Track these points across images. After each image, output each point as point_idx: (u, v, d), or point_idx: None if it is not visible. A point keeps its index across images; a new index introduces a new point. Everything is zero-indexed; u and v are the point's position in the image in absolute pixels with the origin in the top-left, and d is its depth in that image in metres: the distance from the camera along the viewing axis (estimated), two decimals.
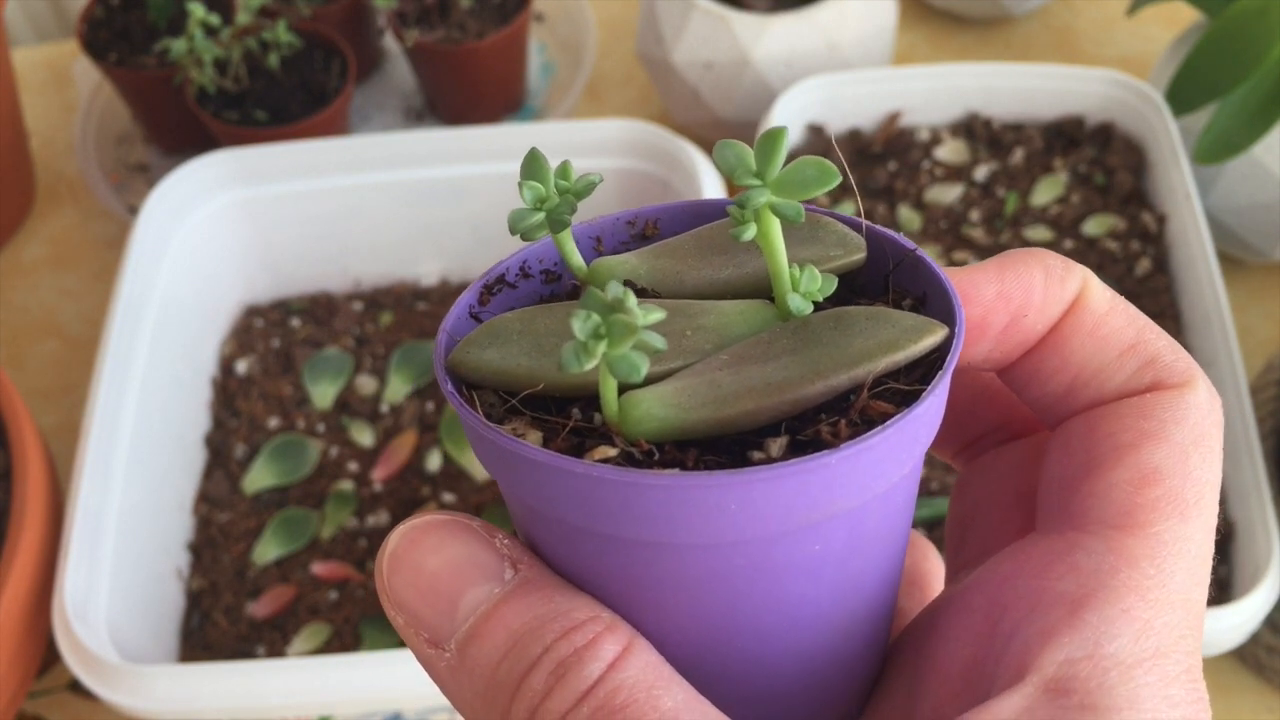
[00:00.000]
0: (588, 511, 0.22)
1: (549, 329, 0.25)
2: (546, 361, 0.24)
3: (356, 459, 0.74)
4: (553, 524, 0.23)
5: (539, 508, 0.23)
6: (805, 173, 0.23)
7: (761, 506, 0.21)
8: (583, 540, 0.23)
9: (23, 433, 0.64)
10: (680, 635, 0.24)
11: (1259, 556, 0.59)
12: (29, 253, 0.90)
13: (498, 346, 0.25)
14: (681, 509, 0.21)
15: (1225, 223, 0.78)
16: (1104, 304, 0.26)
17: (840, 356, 0.23)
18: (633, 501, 0.21)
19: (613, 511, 0.22)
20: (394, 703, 0.57)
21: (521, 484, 0.23)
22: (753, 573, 0.23)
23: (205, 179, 0.75)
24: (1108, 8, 0.99)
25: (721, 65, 0.82)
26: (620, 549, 0.23)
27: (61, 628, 0.57)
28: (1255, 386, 0.69)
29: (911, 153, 0.81)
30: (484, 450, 0.23)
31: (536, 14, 0.99)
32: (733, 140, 0.24)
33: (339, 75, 0.84)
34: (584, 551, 0.23)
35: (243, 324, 0.80)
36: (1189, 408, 0.25)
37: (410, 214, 0.79)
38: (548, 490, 0.22)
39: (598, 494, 0.21)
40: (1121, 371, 0.26)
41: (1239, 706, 0.67)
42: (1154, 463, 0.24)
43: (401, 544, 0.24)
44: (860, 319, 0.24)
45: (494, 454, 0.23)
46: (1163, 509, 0.24)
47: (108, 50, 0.87)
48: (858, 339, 0.23)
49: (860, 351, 0.23)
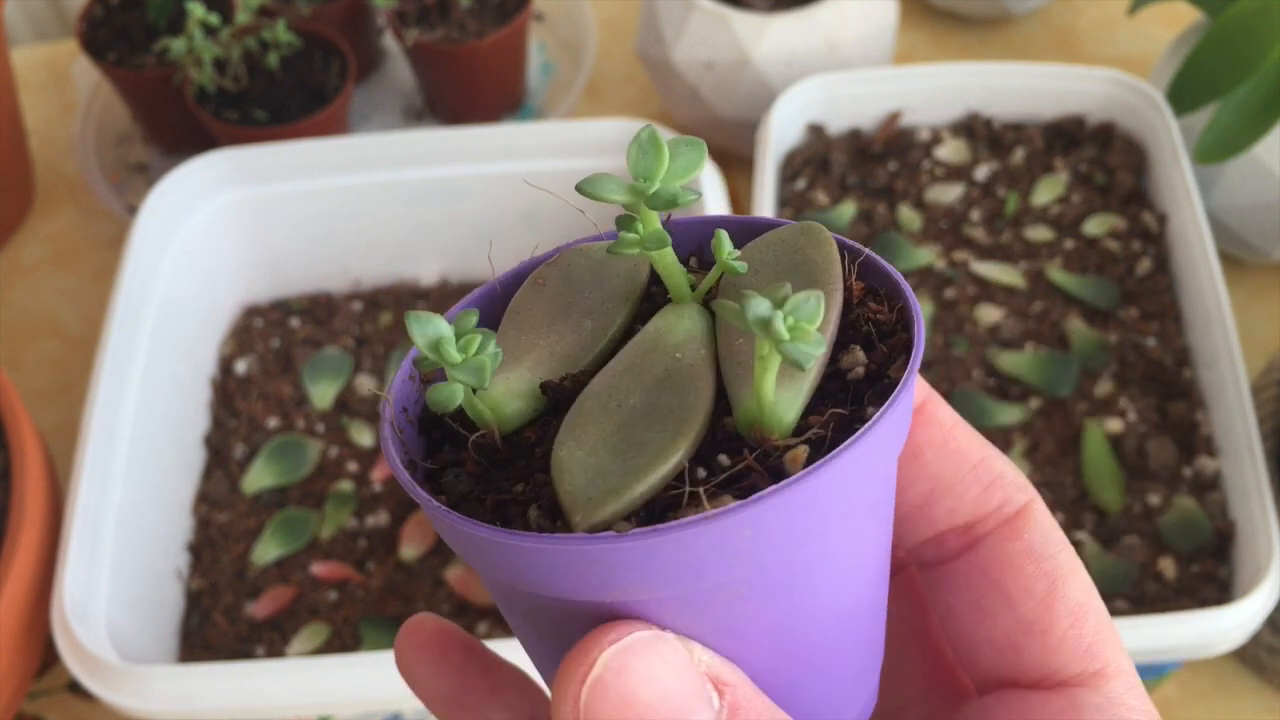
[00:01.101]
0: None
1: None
2: None
3: (356, 459, 0.74)
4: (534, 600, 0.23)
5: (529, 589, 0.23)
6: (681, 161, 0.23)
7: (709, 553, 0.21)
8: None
9: (22, 433, 0.64)
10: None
11: (1259, 556, 0.59)
12: (28, 252, 0.90)
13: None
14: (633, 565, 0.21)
15: (1226, 223, 0.78)
16: (949, 417, 0.27)
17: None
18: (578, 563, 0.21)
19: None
20: (394, 703, 0.57)
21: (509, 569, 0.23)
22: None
23: (205, 179, 0.75)
24: (1108, 8, 0.99)
25: (722, 65, 0.82)
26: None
27: (60, 628, 0.57)
28: (1256, 386, 0.69)
29: (912, 152, 0.80)
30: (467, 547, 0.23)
31: (536, 14, 0.99)
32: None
33: (339, 75, 0.84)
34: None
35: (242, 324, 0.80)
36: (1054, 537, 0.27)
37: (410, 214, 0.79)
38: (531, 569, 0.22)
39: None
40: (976, 485, 0.27)
41: (1239, 707, 0.67)
42: (1075, 598, 0.26)
43: (608, 672, 0.22)
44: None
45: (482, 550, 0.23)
46: (1105, 636, 0.26)
47: (107, 50, 0.87)
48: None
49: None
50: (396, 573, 0.69)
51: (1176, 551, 0.64)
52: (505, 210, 0.78)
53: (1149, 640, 0.56)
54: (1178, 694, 0.67)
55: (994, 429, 0.69)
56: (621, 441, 0.22)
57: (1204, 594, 0.63)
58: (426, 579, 0.69)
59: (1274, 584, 0.57)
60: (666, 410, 0.23)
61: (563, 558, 0.21)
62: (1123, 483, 0.67)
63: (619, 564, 0.21)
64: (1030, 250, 0.76)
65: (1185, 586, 0.63)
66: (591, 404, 0.23)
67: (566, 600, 0.22)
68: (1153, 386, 0.70)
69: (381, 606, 0.68)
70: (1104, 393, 0.70)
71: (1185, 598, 0.63)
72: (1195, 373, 0.70)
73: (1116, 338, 0.72)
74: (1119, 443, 0.68)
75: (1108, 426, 0.69)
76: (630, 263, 0.27)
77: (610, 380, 0.24)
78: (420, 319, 0.23)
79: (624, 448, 0.22)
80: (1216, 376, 0.67)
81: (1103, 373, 0.71)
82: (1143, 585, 0.63)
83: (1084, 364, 0.71)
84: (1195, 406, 0.68)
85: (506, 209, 0.78)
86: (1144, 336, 0.72)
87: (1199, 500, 0.65)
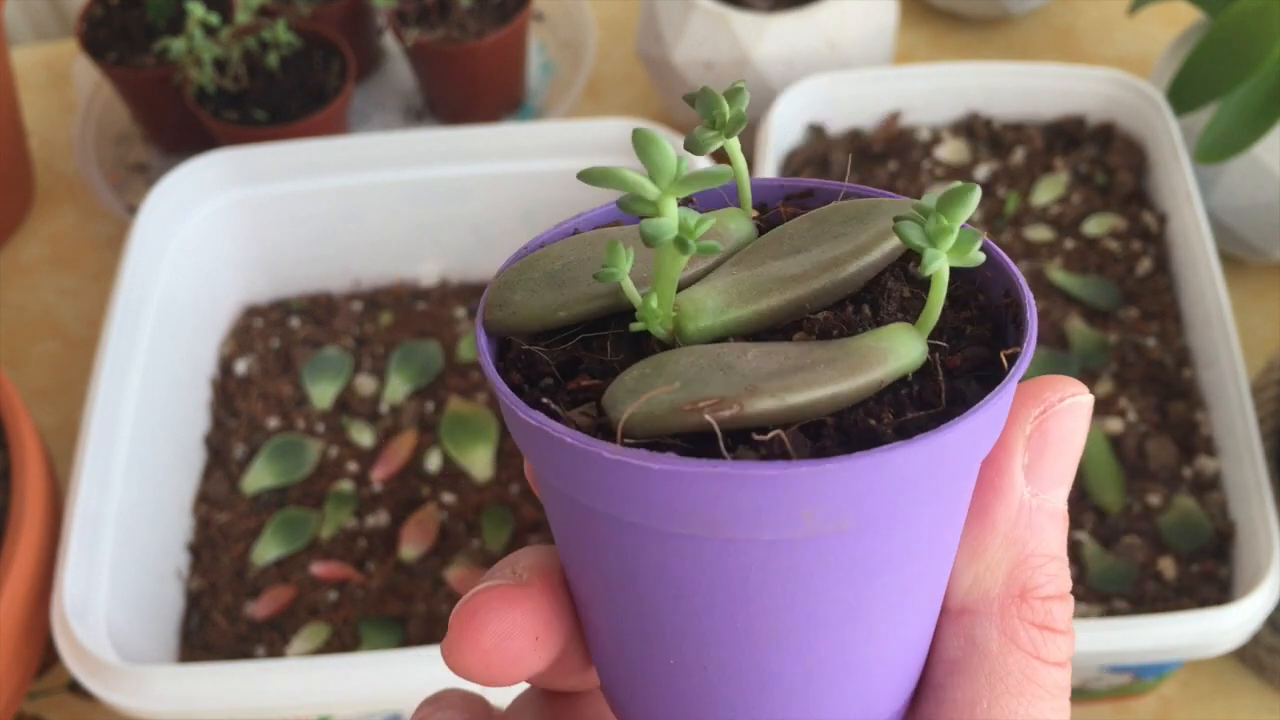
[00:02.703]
0: (641, 506, 0.21)
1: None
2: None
3: (356, 459, 0.74)
4: (602, 518, 0.23)
5: (583, 499, 0.22)
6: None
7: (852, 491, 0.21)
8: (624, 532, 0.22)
9: (22, 433, 0.64)
10: (715, 639, 0.23)
11: (1259, 556, 0.59)
12: (28, 252, 0.90)
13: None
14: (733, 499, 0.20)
15: (1226, 222, 0.78)
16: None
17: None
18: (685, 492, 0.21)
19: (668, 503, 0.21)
20: (393, 703, 0.57)
21: (557, 470, 0.22)
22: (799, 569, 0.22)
23: (204, 179, 0.75)
24: (1108, 8, 0.99)
25: (722, 65, 0.82)
26: (659, 542, 0.22)
27: (60, 628, 0.57)
28: (1256, 386, 0.69)
29: (912, 152, 0.80)
30: (523, 435, 0.23)
31: (536, 14, 0.99)
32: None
33: (338, 75, 0.84)
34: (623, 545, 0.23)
35: (242, 324, 0.80)
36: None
37: (410, 214, 0.79)
38: (603, 483, 0.21)
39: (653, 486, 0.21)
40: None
41: (1239, 707, 0.67)
42: None
43: None
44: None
45: (535, 441, 0.22)
46: None
47: (107, 50, 0.87)
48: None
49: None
50: (396, 573, 0.69)
51: (1176, 551, 0.64)
52: (505, 210, 0.78)
53: (1149, 640, 0.56)
54: (1178, 694, 0.67)
55: None
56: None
57: (1204, 594, 0.63)
58: (426, 579, 0.69)
59: (1274, 584, 0.57)
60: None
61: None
62: (1123, 483, 0.67)
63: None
64: (1030, 250, 0.76)
65: (1185, 586, 0.63)
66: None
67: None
68: (1153, 386, 0.70)
69: (381, 606, 0.68)
70: (1104, 393, 0.70)
71: (1185, 598, 0.63)
72: (1195, 373, 0.70)
73: (1116, 338, 0.72)
74: (1119, 443, 0.68)
75: (1108, 426, 0.69)
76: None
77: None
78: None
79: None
80: (1216, 376, 0.67)
81: (1103, 373, 0.71)
82: (1143, 585, 0.63)
83: (1084, 364, 0.71)
84: (1195, 406, 0.68)
85: (506, 209, 0.78)
86: (1144, 336, 0.72)
87: (1199, 500, 0.65)
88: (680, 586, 0.23)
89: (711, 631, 0.23)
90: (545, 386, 0.24)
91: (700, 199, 0.27)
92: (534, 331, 0.24)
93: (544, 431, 0.21)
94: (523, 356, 0.24)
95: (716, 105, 0.24)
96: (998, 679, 0.24)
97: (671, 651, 0.24)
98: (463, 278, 0.82)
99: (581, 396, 0.23)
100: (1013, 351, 0.23)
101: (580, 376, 0.23)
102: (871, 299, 0.24)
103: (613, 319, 0.25)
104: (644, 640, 0.24)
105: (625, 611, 0.24)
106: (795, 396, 0.21)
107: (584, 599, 0.26)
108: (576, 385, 0.23)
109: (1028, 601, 0.25)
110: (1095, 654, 0.56)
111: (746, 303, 0.24)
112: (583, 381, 0.23)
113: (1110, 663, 0.58)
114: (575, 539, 0.24)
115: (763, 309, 0.24)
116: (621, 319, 0.24)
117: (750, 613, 0.23)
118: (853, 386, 0.22)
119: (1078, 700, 0.66)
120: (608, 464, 0.21)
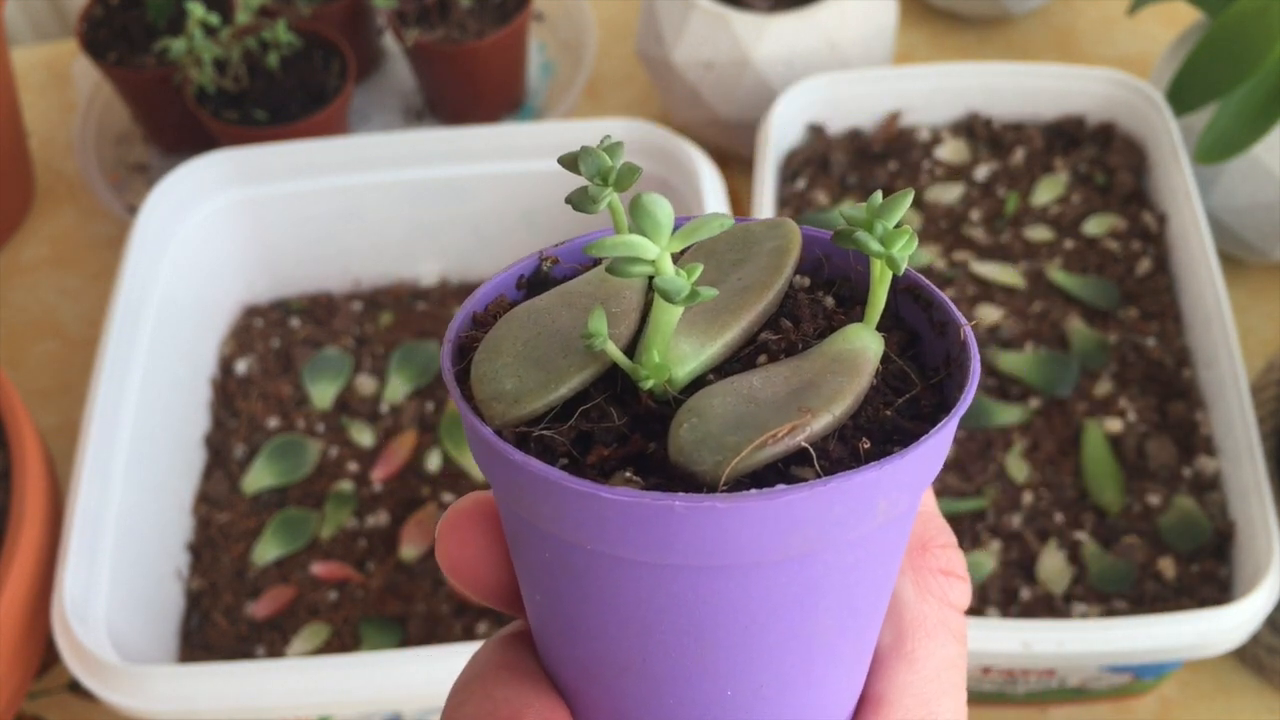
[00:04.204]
0: (617, 539, 0.22)
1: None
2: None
3: (356, 459, 0.74)
4: (558, 545, 0.23)
5: (559, 533, 0.23)
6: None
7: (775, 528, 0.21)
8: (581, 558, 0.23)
9: (22, 433, 0.64)
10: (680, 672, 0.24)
11: (1259, 556, 0.59)
12: (28, 252, 0.90)
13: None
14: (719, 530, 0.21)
15: (1226, 222, 0.78)
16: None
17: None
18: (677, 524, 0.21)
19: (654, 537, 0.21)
20: (393, 703, 0.57)
21: (535, 508, 0.23)
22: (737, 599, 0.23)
23: (205, 179, 0.75)
24: (1108, 8, 0.99)
25: (722, 65, 0.82)
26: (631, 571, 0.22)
27: (61, 628, 0.57)
28: (1256, 386, 0.69)
29: (912, 152, 0.80)
30: (498, 471, 0.23)
31: (536, 14, 0.99)
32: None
33: (339, 75, 0.84)
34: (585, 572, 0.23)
35: (242, 324, 0.80)
36: None
37: (410, 214, 0.79)
38: (570, 517, 0.22)
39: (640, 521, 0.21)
40: None
41: (1239, 707, 0.67)
42: None
43: None
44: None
45: (514, 481, 0.23)
46: None
47: (107, 50, 0.87)
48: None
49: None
50: (396, 573, 0.69)
51: (1176, 551, 0.64)
52: (505, 210, 0.78)
53: (1149, 640, 0.56)
54: (1178, 694, 0.67)
55: (994, 429, 0.69)
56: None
57: (1204, 594, 0.63)
58: (426, 579, 0.69)
59: (1274, 584, 0.57)
60: None
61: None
62: (1122, 483, 0.67)
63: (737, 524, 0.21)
64: (1030, 250, 0.76)
65: (1185, 586, 0.63)
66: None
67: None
68: (1152, 386, 0.70)
69: (381, 606, 0.68)
70: (1104, 393, 0.70)
71: (1185, 598, 0.63)
72: (1195, 373, 0.70)
73: (1116, 338, 0.72)
74: (1119, 443, 0.68)
75: (1107, 426, 0.69)
76: None
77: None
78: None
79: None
80: (1216, 376, 0.67)
81: (1102, 373, 0.71)
82: (1143, 585, 0.63)
83: (1084, 364, 0.71)
84: (1195, 406, 0.68)
85: (506, 209, 0.78)
86: (1144, 336, 0.72)
87: (1199, 500, 0.65)
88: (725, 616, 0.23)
89: (712, 659, 0.24)
90: (563, 466, 0.23)
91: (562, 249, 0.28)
92: (539, 414, 0.24)
93: (640, 505, 0.21)
94: (531, 442, 0.24)
95: (602, 161, 0.25)
96: (917, 624, 0.27)
97: (670, 681, 0.24)
98: (463, 278, 0.82)
99: (609, 466, 0.23)
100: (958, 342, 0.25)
101: (596, 448, 0.23)
102: (788, 312, 0.26)
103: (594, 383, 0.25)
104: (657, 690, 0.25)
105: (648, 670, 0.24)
106: (838, 406, 0.23)
107: (589, 672, 0.26)
108: (599, 457, 0.23)
109: (930, 550, 0.28)
110: (1095, 654, 0.56)
111: (712, 339, 0.24)
112: (603, 452, 0.23)
113: (1110, 663, 0.58)
114: (592, 600, 0.24)
115: (729, 340, 0.25)
116: (600, 382, 0.24)
117: (754, 629, 0.23)
118: (863, 386, 0.23)
119: (1078, 700, 0.66)
120: (745, 513, 0.21)
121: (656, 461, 0.23)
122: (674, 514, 0.21)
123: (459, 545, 0.27)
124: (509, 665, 0.27)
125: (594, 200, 0.24)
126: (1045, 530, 0.66)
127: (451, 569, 0.27)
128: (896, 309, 0.27)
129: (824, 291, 0.27)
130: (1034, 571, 0.64)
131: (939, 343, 0.26)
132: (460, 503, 0.27)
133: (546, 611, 0.25)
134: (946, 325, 0.25)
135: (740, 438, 0.22)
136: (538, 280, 0.28)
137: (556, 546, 0.23)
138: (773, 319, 0.26)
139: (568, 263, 0.28)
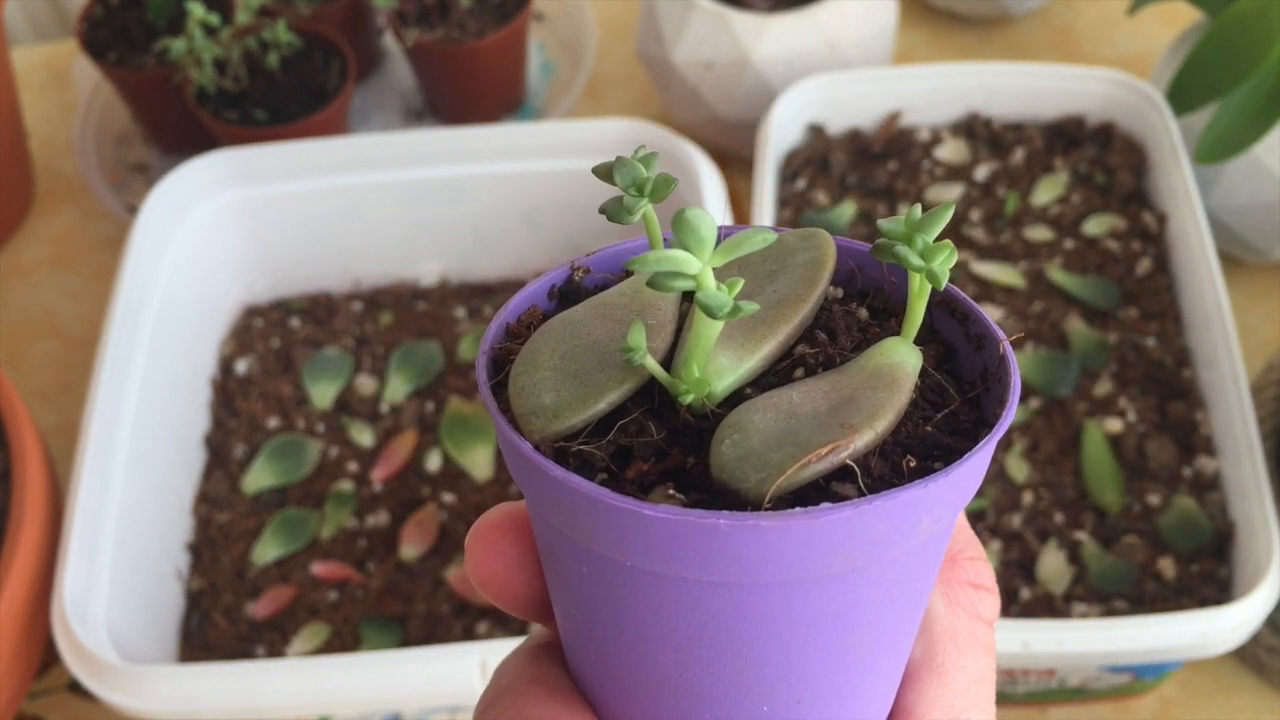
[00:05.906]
0: (658, 555, 0.22)
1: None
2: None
3: (356, 459, 0.74)
4: (596, 559, 0.23)
5: (602, 551, 0.23)
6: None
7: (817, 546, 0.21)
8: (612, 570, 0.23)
9: (22, 433, 0.64)
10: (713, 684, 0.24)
11: (1259, 556, 0.59)
12: (28, 253, 0.90)
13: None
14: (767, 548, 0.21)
15: (1226, 222, 0.78)
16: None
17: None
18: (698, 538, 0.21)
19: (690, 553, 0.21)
20: (393, 703, 0.57)
21: (573, 522, 0.22)
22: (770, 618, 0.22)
23: (205, 179, 0.75)
24: (1108, 8, 0.99)
25: (722, 65, 0.82)
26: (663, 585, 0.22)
27: (61, 628, 0.57)
28: (1256, 386, 0.69)
29: (912, 152, 0.80)
30: (535, 483, 0.23)
31: (536, 14, 0.99)
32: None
33: (339, 75, 0.84)
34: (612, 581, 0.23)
35: (242, 324, 0.80)
36: None
37: (410, 214, 0.79)
38: (611, 533, 0.22)
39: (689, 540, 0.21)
40: None
41: (1239, 706, 0.67)
42: None
43: None
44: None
45: (553, 497, 0.22)
46: None
47: (107, 50, 0.87)
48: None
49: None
50: (396, 573, 0.69)
51: (1176, 551, 0.64)
52: (505, 210, 0.78)
53: (1149, 640, 0.56)
54: (1178, 694, 0.67)
55: None
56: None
57: (1204, 594, 0.63)
58: (426, 579, 0.69)
59: (1274, 584, 0.57)
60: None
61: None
62: (1122, 483, 0.67)
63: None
64: (1030, 250, 0.76)
65: (1185, 586, 0.63)
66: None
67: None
68: (1152, 386, 0.70)
69: (381, 606, 0.68)
70: (1104, 393, 0.70)
71: (1185, 598, 0.63)
72: (1195, 373, 0.70)
73: (1116, 338, 0.72)
74: (1119, 443, 0.68)
75: (1107, 426, 0.69)
76: None
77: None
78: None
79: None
80: (1216, 376, 0.67)
81: (1102, 373, 0.71)
82: (1142, 585, 0.63)
83: (1084, 364, 0.71)
84: (1195, 406, 0.68)
85: (506, 209, 0.78)
86: (1144, 336, 0.72)
87: (1199, 500, 0.65)
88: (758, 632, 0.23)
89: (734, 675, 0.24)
90: (602, 481, 0.23)
91: None
92: (577, 429, 0.24)
93: (684, 523, 0.21)
94: (570, 456, 0.24)
95: (638, 172, 0.24)
96: (948, 638, 0.27)
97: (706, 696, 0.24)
98: (463, 278, 0.82)
99: (648, 481, 0.23)
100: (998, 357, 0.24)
101: (635, 463, 0.23)
102: (823, 325, 0.26)
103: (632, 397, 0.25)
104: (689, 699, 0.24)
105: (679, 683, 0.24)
106: (880, 422, 0.23)
107: (621, 683, 0.25)
108: (638, 472, 0.23)
109: (959, 564, 0.28)
110: (1095, 654, 0.56)
111: (750, 353, 0.24)
112: (642, 467, 0.23)
113: (1110, 663, 0.58)
114: (634, 613, 0.24)
115: (766, 354, 0.24)
116: (637, 396, 0.24)
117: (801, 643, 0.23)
118: (903, 401, 0.23)
119: (1078, 700, 0.66)
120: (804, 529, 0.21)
121: (695, 476, 0.23)
122: (718, 532, 0.21)
123: (490, 557, 0.26)
124: (539, 679, 0.26)
125: (629, 211, 0.24)
126: (1045, 530, 0.66)
127: (482, 581, 0.27)
128: (931, 322, 0.26)
129: (858, 303, 0.27)
130: (1034, 571, 0.64)
131: (975, 356, 0.25)
132: (490, 514, 0.27)
133: (581, 625, 0.25)
134: (984, 339, 0.25)
135: (783, 454, 0.22)
136: (569, 290, 0.27)
137: (595, 561, 0.23)
138: (808, 332, 0.25)
139: (599, 272, 0.28)
